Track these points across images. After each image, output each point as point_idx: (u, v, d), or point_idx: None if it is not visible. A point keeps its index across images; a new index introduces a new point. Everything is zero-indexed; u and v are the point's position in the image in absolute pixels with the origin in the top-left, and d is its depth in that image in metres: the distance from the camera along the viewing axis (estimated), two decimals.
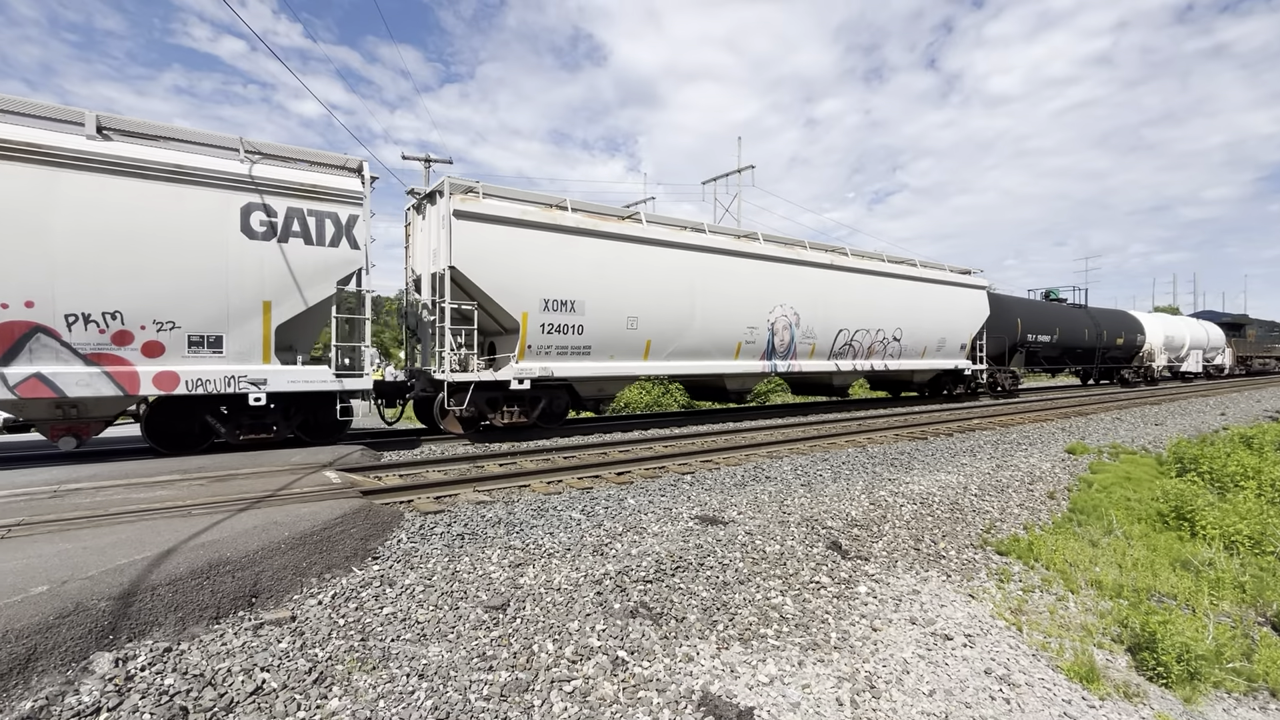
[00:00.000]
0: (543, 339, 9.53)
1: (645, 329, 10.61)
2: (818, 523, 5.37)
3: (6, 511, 4.61)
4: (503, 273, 9.13)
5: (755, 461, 7.94)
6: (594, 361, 10.19)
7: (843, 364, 14.18)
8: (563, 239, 9.76)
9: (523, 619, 3.47)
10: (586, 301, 9.89)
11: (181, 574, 3.33)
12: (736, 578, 4.15)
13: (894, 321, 15.05)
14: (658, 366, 11.07)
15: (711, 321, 11.50)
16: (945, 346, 16.52)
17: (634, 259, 10.50)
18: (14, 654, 2.59)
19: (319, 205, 7.87)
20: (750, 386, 13.08)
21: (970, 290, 17.42)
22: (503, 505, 5.61)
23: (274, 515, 4.42)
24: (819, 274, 13.46)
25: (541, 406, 10.01)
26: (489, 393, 9.41)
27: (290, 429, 8.23)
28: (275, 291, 7.59)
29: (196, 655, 2.92)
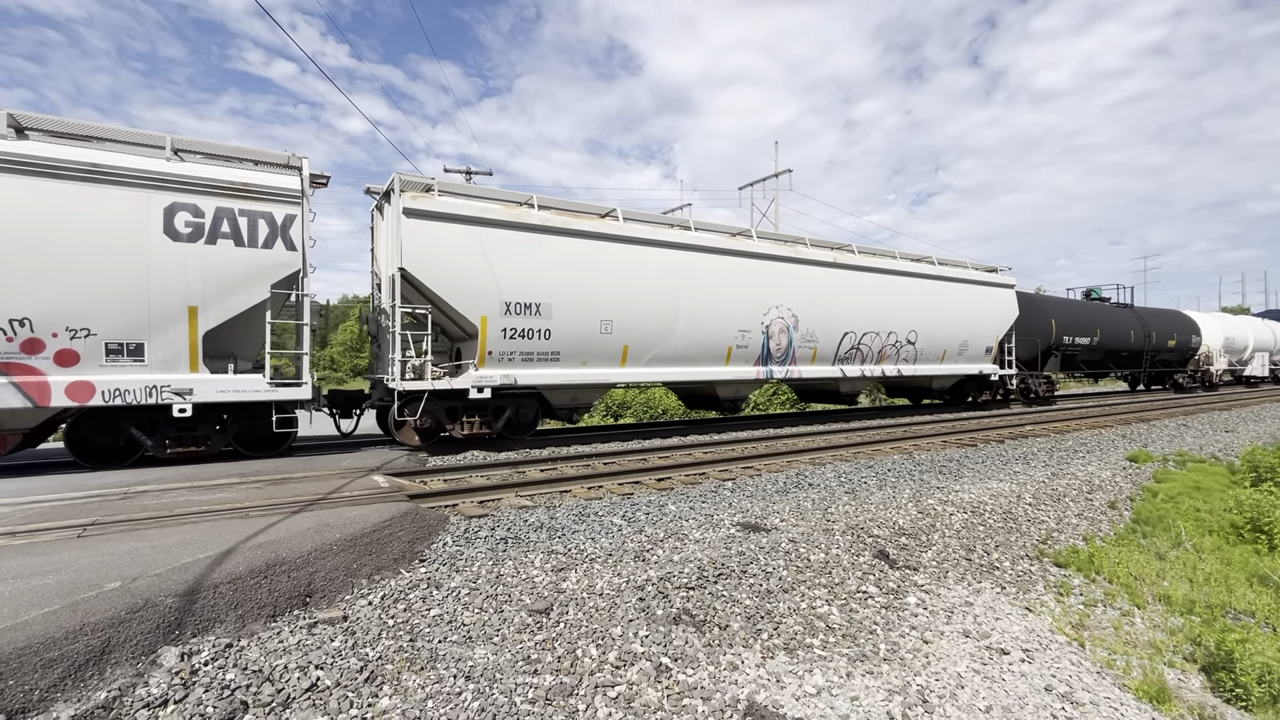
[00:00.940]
0: (505, 344, 8.95)
1: (621, 333, 9.91)
2: (863, 531, 5.24)
3: (82, 512, 4.88)
4: (459, 274, 8.58)
5: (797, 468, 7.82)
6: (564, 368, 9.54)
7: (849, 369, 13.22)
8: (527, 238, 9.14)
9: (566, 623, 3.49)
10: (554, 304, 9.24)
11: (241, 573, 3.46)
12: (780, 586, 4.08)
13: (908, 323, 14.02)
14: (637, 373, 10.35)
15: (698, 325, 10.71)
16: (968, 350, 15.45)
17: (608, 259, 9.80)
18: (90, 646, 2.73)
19: (252, 205, 7.45)
20: (744, 394, 12.29)
21: (996, 289, 16.22)
22: (544, 510, 5.65)
23: (326, 518, 4.56)
24: (821, 273, 12.55)
25: (506, 416, 9.44)
26: (448, 402, 8.93)
27: (225, 441, 7.83)
28: (202, 296, 7.18)
29: (255, 652, 3.03)
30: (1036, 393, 18.11)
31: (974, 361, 15.76)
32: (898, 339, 13.87)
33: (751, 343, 11.44)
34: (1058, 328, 18.28)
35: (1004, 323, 16.25)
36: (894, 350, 13.89)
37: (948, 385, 16.15)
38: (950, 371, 15.33)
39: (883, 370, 13.83)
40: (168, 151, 7.20)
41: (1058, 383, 19.63)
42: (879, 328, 13.48)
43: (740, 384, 11.84)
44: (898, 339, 13.87)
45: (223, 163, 7.58)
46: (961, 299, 15.18)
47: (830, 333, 12.61)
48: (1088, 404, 18.56)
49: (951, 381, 16.04)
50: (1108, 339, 20.11)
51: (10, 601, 2.93)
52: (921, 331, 14.28)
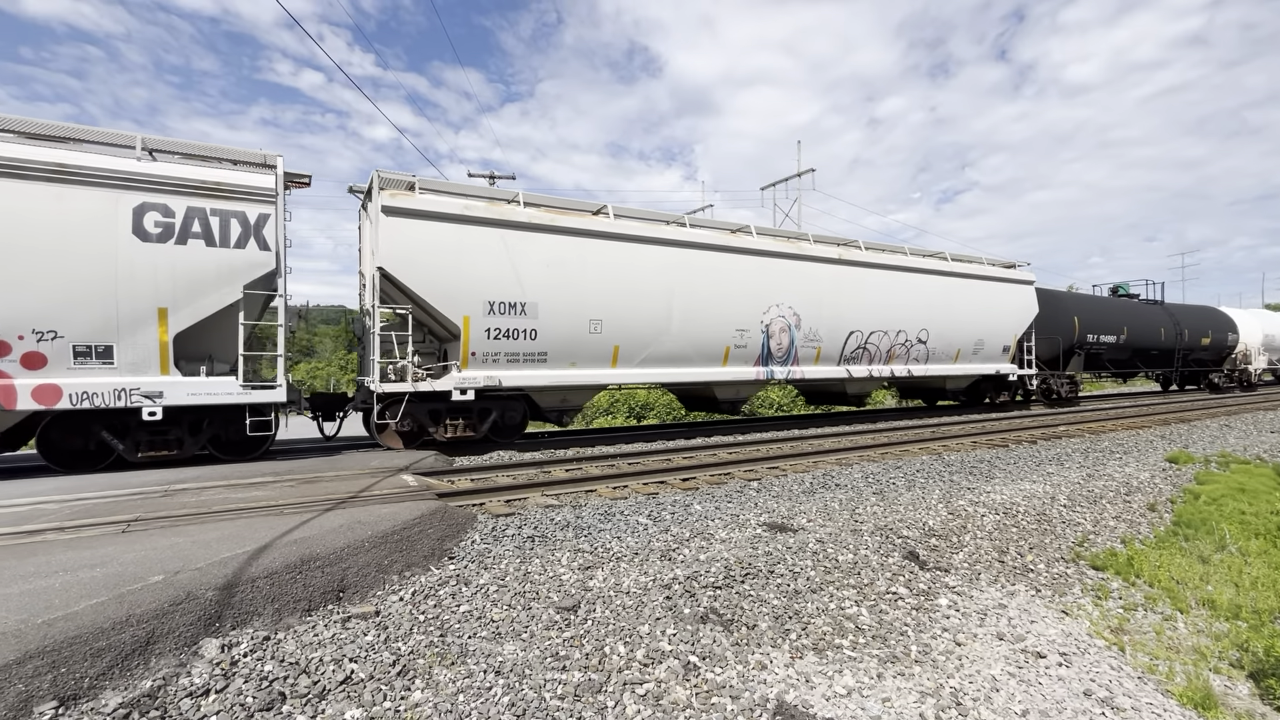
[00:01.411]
0: (489, 345, 8.76)
1: (612, 333, 9.64)
2: (892, 532, 5.17)
3: (126, 508, 5.05)
4: (440, 273, 8.40)
5: (824, 469, 7.74)
6: (551, 369, 9.30)
7: (855, 369, 12.69)
8: (512, 235, 8.90)
9: (594, 621, 3.50)
10: (540, 304, 9.01)
11: (277, 568, 3.55)
12: (808, 586, 4.05)
13: (918, 322, 13.46)
14: (629, 374, 10.06)
15: (693, 324, 10.37)
16: (984, 349, 14.81)
17: (598, 257, 9.52)
18: (136, 636, 2.82)
19: (224, 204, 7.31)
20: (743, 395, 11.91)
21: (1014, 285, 15.54)
22: (570, 509, 5.68)
23: (358, 515, 4.64)
24: (824, 270, 12.07)
25: (492, 419, 9.20)
26: (431, 404, 8.75)
27: (199, 445, 7.71)
28: (172, 297, 7.05)
29: (292, 644, 3.10)
30: (1059, 393, 17.38)
31: (990, 361, 15.16)
32: (907, 338, 13.35)
33: (751, 342, 11.09)
34: (1081, 325, 17.59)
35: (1022, 321, 15.63)
36: (904, 350, 13.37)
37: (963, 386, 15.51)
38: (965, 372, 14.73)
39: (891, 371, 13.31)
40: (138, 151, 7.09)
41: (1082, 383, 18.85)
42: (887, 326, 12.99)
43: (740, 385, 11.46)
44: (907, 338, 13.35)
45: (199, 162, 7.47)
46: (976, 296, 14.63)
47: (835, 332, 12.21)
48: (1119, 404, 17.86)
49: (967, 382, 15.44)
50: (1136, 337, 19.34)
51: (61, 593, 3.05)
52: (933, 330, 13.75)
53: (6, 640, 2.57)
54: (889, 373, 13.29)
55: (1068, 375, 17.59)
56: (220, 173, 7.36)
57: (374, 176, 8.43)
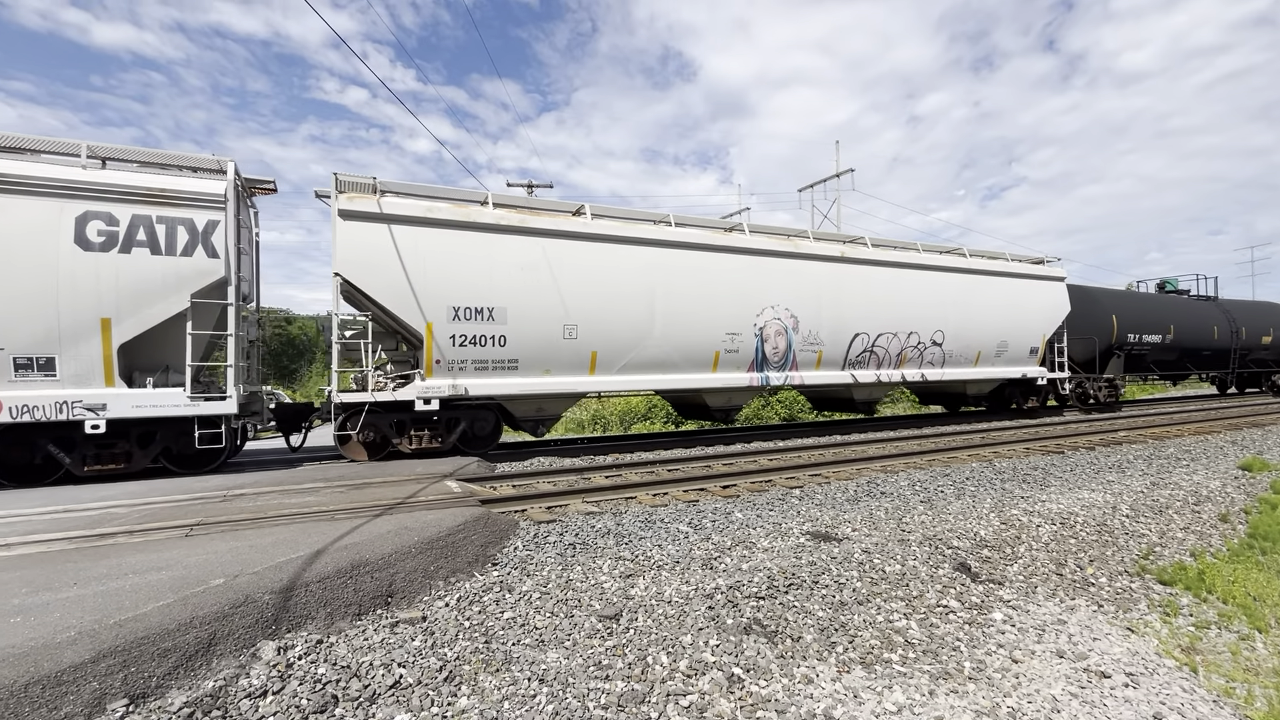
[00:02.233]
0: (455, 353, 8.48)
1: (588, 339, 9.25)
2: (942, 542, 5.01)
3: (188, 512, 5.29)
4: (400, 279, 8.15)
5: (868, 476, 7.56)
6: (523, 378, 8.97)
7: (861, 374, 11.87)
8: (479, 238, 8.60)
9: (636, 630, 3.49)
10: (509, 309, 8.68)
11: (329, 573, 3.66)
12: (855, 598, 3.95)
13: (932, 322, 12.59)
14: (609, 382, 9.61)
15: (678, 328, 9.88)
16: (1008, 351, 13.84)
17: (573, 259, 9.17)
18: (199, 638, 2.95)
19: (170, 211, 7.17)
20: (737, 403, 11.20)
21: (1042, 283, 14.49)
22: (611, 516, 5.70)
23: (405, 521, 4.75)
24: (825, 269, 11.38)
25: (461, 430, 8.90)
26: (395, 414, 8.51)
27: (149, 458, 7.56)
28: (115, 308, 6.93)
29: (343, 648, 3.19)
30: (1096, 398, 16.11)
31: (1016, 364, 14.17)
32: (920, 340, 12.52)
33: (743, 347, 10.53)
34: (1120, 324, 16.35)
35: (1052, 320, 14.61)
36: (916, 353, 12.53)
37: (985, 391, 14.49)
38: (986, 376, 13.77)
39: (902, 375, 12.45)
40: (84, 159, 7.03)
41: (1124, 386, 17.38)
42: (896, 328, 12.20)
43: (732, 392, 10.87)
44: (920, 340, 12.52)
45: (151, 169, 7.38)
46: (998, 294, 13.68)
47: (837, 334, 11.51)
48: (1175, 409, 16.54)
49: (990, 387, 14.44)
50: (1184, 336, 17.98)
51: (131, 595, 3.20)
52: (949, 331, 12.90)
53: (83, 639, 2.71)
54: (899, 377, 12.44)
55: (1106, 378, 16.31)
56: (166, 179, 7.26)
57: (333, 179, 8.19)
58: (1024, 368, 14.29)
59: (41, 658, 2.57)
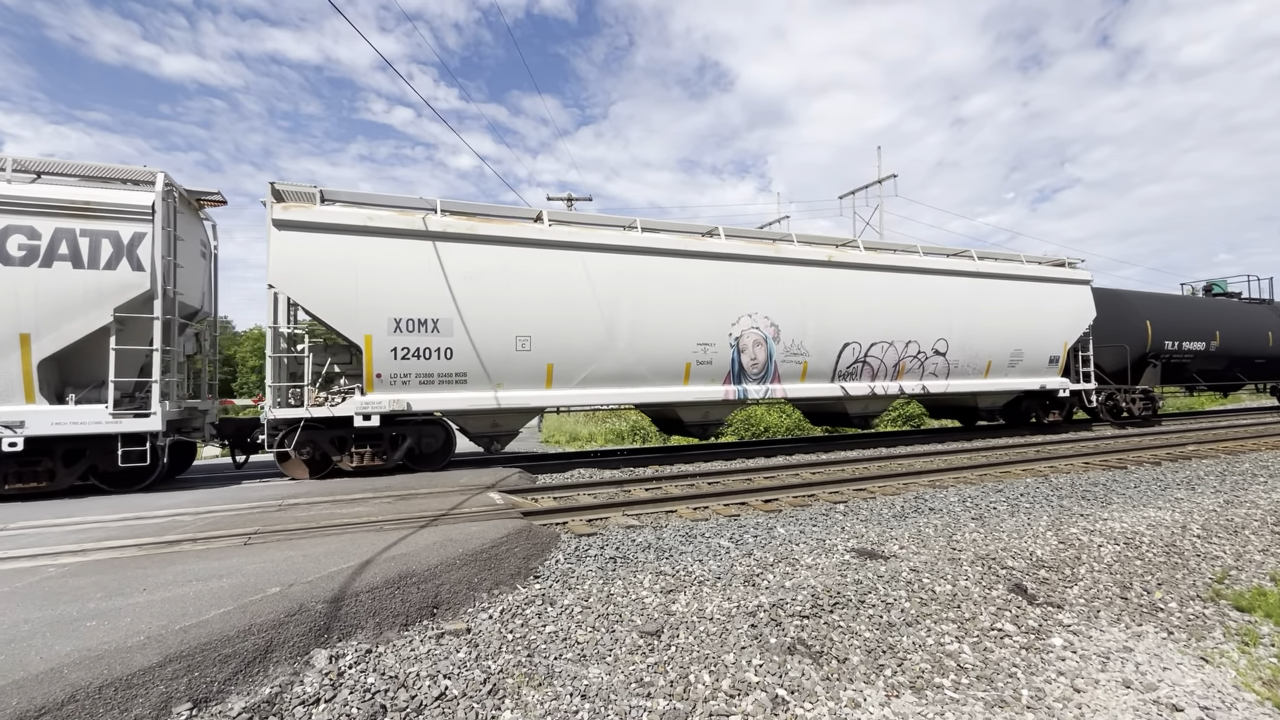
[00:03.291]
0: (397, 366, 8.17)
1: (543, 351, 8.83)
2: (995, 561, 4.82)
3: (246, 521, 5.51)
4: (337, 289, 7.90)
5: (915, 491, 7.35)
6: (472, 392, 8.58)
7: (853, 386, 11.12)
8: (424, 246, 8.31)
9: (677, 647, 3.47)
10: (454, 320, 8.35)
11: (378, 583, 3.75)
12: (903, 619, 3.84)
13: (934, 330, 11.71)
14: (569, 396, 9.14)
15: (643, 339, 9.35)
16: (1023, 361, 12.83)
17: (525, 266, 8.77)
18: (257, 645, 3.06)
19: (95, 224, 7.08)
20: (715, 418, 10.55)
21: (1062, 286, 13.45)
22: (651, 530, 5.68)
23: (450, 532, 4.85)
24: (809, 274, 10.72)
25: (406, 446, 8.59)
26: (336, 431, 8.26)
27: (74, 476, 7.41)
28: (35, 323, 6.84)
29: (391, 658, 3.26)
30: (1130, 411, 14.84)
31: (1032, 375, 13.11)
32: (920, 349, 11.65)
33: (717, 358, 9.92)
34: (1155, 331, 15.16)
35: (1075, 326, 13.53)
36: (916, 363, 11.67)
37: (999, 404, 13.50)
38: (999, 387, 12.77)
39: (900, 387, 11.63)
40: (8, 173, 6.99)
41: (1161, 398, 15.94)
42: (893, 336, 11.39)
43: (708, 406, 10.28)
44: (920, 349, 11.65)
45: (80, 182, 7.36)
46: (1011, 299, 12.71)
47: (825, 344, 10.78)
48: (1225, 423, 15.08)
49: (1004, 399, 13.44)
50: (1233, 343, 16.57)
51: (195, 601, 3.36)
52: (954, 340, 11.99)
53: (151, 644, 2.86)
54: (897, 389, 11.62)
55: (1141, 390, 15.05)
56: (90, 192, 7.19)
57: (268, 188, 8.03)
58: (1042, 378, 13.25)
59: (114, 661, 2.71)
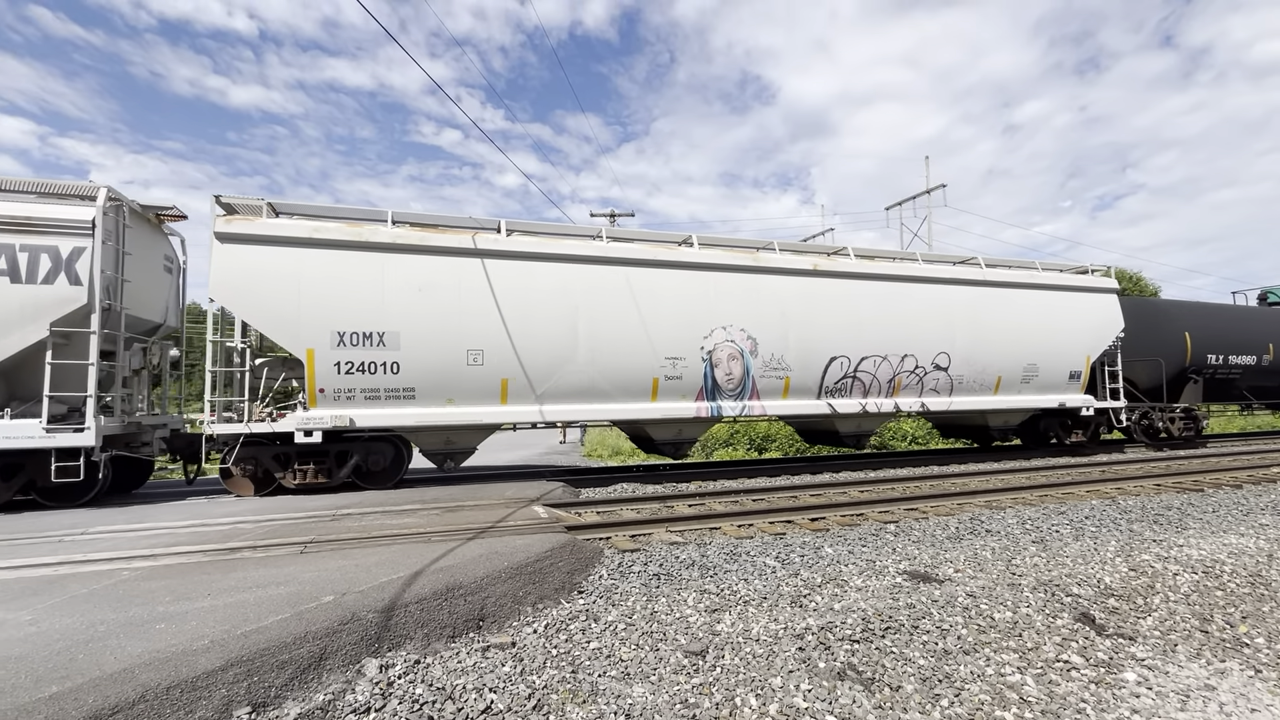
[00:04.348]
0: (340, 380, 7.96)
1: (497, 365, 8.52)
2: (1059, 588, 4.57)
3: (303, 530, 5.71)
4: (279, 302, 7.78)
5: (971, 511, 7.06)
6: (421, 408, 8.33)
7: (841, 404, 10.43)
8: (371, 258, 8.15)
9: (723, 668, 3.40)
10: (402, 333, 8.11)
11: (426, 594, 3.82)
12: (959, 646, 3.67)
13: (934, 343, 10.94)
14: (526, 412, 8.79)
15: (606, 353, 8.98)
16: (1039, 376, 11.91)
17: (478, 279, 8.51)
18: (312, 651, 3.15)
19: (35, 239, 7.12)
20: (688, 436, 10.04)
21: (1084, 295, 12.50)
22: (695, 547, 5.62)
23: (495, 545, 4.91)
24: (792, 284, 10.16)
25: (353, 463, 8.36)
26: (278, 447, 8.13)
27: (12, 491, 7.39)
28: None
29: (439, 670, 3.31)
30: (1169, 431, 13.62)
31: (1049, 391, 12.14)
32: (918, 364, 10.90)
33: (687, 373, 9.45)
34: (1196, 343, 13.94)
35: (1100, 338, 12.55)
36: (914, 379, 10.92)
37: (1013, 423, 12.47)
38: (1012, 405, 11.84)
39: (895, 404, 10.89)
40: None
41: (1205, 417, 14.46)
42: (886, 350, 10.66)
43: (680, 424, 9.79)
44: (918, 364, 10.90)
45: (24, 196, 7.43)
46: (1023, 309, 11.84)
47: (808, 357, 10.16)
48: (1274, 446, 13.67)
49: (1019, 417, 12.42)
50: None
51: (255, 607, 3.49)
52: (957, 353, 11.16)
53: (214, 648, 2.97)
54: (892, 407, 10.89)
55: (1183, 409, 13.82)
56: (31, 207, 7.26)
57: (212, 201, 8.00)
58: (1061, 395, 12.25)
59: (181, 663, 2.83)
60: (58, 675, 2.69)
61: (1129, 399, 13.60)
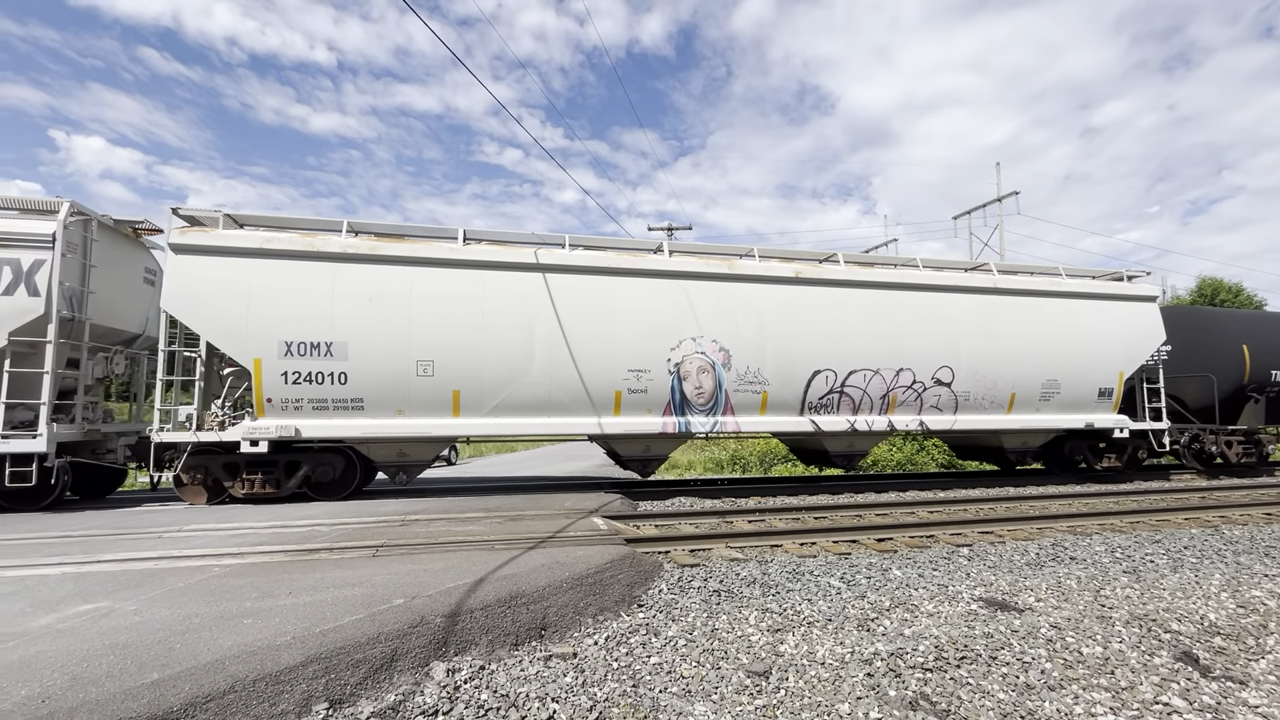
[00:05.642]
0: (288, 390, 7.94)
1: (447, 376, 8.32)
2: (1156, 623, 4.23)
3: (374, 534, 5.95)
4: (229, 313, 7.82)
5: (1052, 536, 6.65)
6: (370, 419, 8.21)
7: (827, 421, 9.69)
8: (322, 268, 8.10)
9: (786, 690, 3.31)
10: (350, 343, 8.01)
11: (490, 601, 3.90)
12: (1044, 681, 3.44)
13: (934, 356, 10.06)
14: (479, 425, 8.55)
15: (563, 365, 8.63)
16: (1061, 394, 10.76)
17: (432, 288, 8.36)
18: (384, 652, 3.27)
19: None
20: (656, 453, 9.51)
21: (1117, 304, 11.26)
22: (756, 564, 5.52)
23: (556, 555, 4.96)
24: (770, 293, 9.54)
25: (302, 474, 8.29)
26: (227, 456, 8.13)
27: None
28: None
29: (503, 677, 3.36)
30: (1224, 457, 12.02)
31: (1075, 410, 10.93)
32: (916, 379, 10.04)
33: (653, 386, 8.99)
34: (1255, 358, 12.30)
35: (1136, 351, 11.25)
36: (911, 394, 10.06)
37: (1032, 444, 11.24)
38: (1028, 425, 10.74)
39: (889, 422, 10.01)
40: None
41: (1270, 442, 12.65)
42: (878, 364, 9.85)
43: (648, 440, 9.31)
44: (916, 379, 10.04)
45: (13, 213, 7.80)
46: (1042, 319, 10.75)
47: (789, 371, 9.50)
48: None
49: (1038, 439, 11.21)
50: None
51: (331, 607, 3.65)
52: (962, 367, 10.21)
53: (296, 644, 3.13)
54: (886, 425, 10.00)
55: (1241, 431, 12.21)
56: None
57: (168, 213, 8.13)
58: (1089, 415, 11.02)
59: (266, 657, 2.99)
60: (159, 663, 2.89)
61: (1176, 419, 12.28)
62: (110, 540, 5.88)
